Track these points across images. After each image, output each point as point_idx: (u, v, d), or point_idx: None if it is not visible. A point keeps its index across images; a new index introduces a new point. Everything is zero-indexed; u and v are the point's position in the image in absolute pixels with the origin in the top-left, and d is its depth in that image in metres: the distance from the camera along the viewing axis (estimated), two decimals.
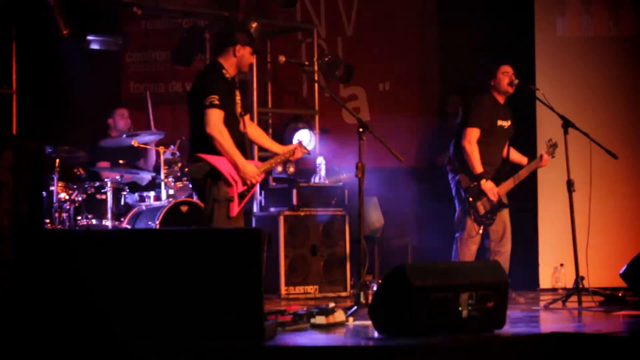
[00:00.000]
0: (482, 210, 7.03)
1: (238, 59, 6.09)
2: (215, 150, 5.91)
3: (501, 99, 7.18)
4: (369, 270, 7.06)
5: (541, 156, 7.30)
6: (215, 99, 5.86)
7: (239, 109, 6.13)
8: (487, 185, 7.00)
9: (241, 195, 5.98)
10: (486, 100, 7.13)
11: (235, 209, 5.94)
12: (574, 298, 6.71)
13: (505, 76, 7.11)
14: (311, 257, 7.89)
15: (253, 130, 6.44)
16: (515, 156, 7.37)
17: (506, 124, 7.18)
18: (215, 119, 5.86)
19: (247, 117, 6.29)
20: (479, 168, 7.01)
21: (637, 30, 8.64)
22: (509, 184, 7.15)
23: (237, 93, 6.14)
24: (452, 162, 7.23)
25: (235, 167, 5.94)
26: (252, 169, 6.01)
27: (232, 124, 5.99)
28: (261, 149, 7.31)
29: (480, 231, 7.09)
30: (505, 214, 7.17)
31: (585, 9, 8.60)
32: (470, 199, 7.02)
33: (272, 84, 9.41)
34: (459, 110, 7.33)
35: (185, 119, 8.61)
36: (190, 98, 6.09)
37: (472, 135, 7.05)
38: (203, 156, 5.93)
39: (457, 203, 7.20)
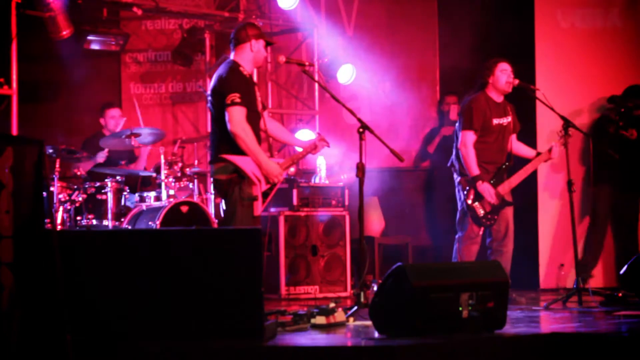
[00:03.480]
0: (481, 212, 7.02)
1: (255, 54, 6.09)
2: (238, 149, 5.89)
3: (498, 97, 7.15)
4: (369, 270, 7.06)
5: (550, 148, 7.16)
6: (236, 97, 5.85)
7: (259, 105, 6.14)
8: (483, 187, 6.98)
9: (264, 194, 5.97)
10: (478, 101, 7.10)
11: (259, 207, 5.93)
12: (575, 298, 6.71)
13: (503, 73, 7.09)
14: (311, 257, 7.90)
15: (272, 125, 6.42)
16: (522, 150, 7.34)
17: (505, 121, 7.15)
18: (238, 117, 5.85)
19: (265, 113, 6.28)
20: (474, 171, 6.99)
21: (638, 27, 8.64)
22: (513, 181, 7.10)
23: (256, 89, 6.14)
24: (454, 164, 7.22)
25: (259, 166, 5.93)
26: (275, 167, 5.99)
27: (254, 121, 5.98)
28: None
29: (480, 232, 7.08)
30: (508, 212, 7.14)
31: (586, 7, 8.59)
32: (469, 201, 7.02)
33: (272, 84, 9.42)
34: (456, 110, 7.33)
35: (185, 119, 8.60)
36: (211, 99, 6.07)
37: (467, 138, 7.04)
38: (227, 157, 5.90)
39: (458, 204, 7.20)
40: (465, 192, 7.05)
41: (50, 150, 7.46)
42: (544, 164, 7.55)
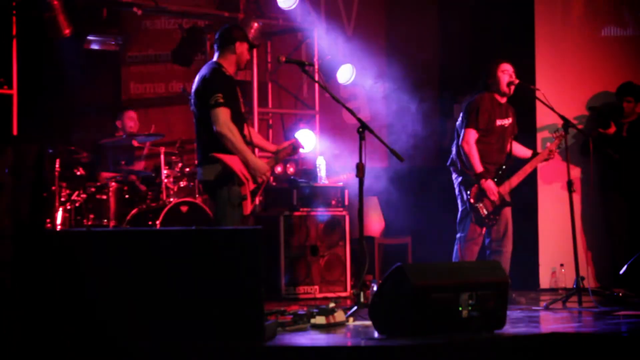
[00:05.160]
0: (483, 212, 7.02)
1: (238, 56, 6.10)
2: (225, 149, 5.89)
3: (501, 98, 7.16)
4: (369, 270, 7.06)
5: (549, 150, 7.19)
6: (220, 97, 5.85)
7: (242, 107, 6.14)
8: (487, 184, 6.99)
9: (252, 193, 5.98)
10: (483, 101, 7.11)
11: (249, 207, 5.93)
12: (574, 298, 6.71)
13: (505, 74, 7.10)
14: (311, 257, 7.89)
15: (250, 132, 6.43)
16: (519, 150, 7.35)
17: (507, 122, 7.16)
18: (223, 117, 5.85)
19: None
20: (478, 168, 7.01)
21: (638, 29, 8.63)
22: (513, 181, 7.12)
23: (239, 91, 6.14)
24: (454, 163, 7.23)
25: (246, 165, 5.94)
26: (263, 165, 6.00)
27: (238, 121, 5.98)
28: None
29: (482, 232, 7.08)
30: (508, 212, 7.15)
31: (586, 8, 8.59)
32: (472, 201, 7.02)
33: (272, 84, 9.42)
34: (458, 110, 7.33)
35: (185, 119, 8.59)
36: (194, 101, 6.07)
37: (470, 136, 7.05)
38: (217, 155, 5.89)
39: (459, 204, 7.20)
40: (468, 192, 7.05)
41: (50, 150, 7.47)
42: (543, 164, 7.56)
